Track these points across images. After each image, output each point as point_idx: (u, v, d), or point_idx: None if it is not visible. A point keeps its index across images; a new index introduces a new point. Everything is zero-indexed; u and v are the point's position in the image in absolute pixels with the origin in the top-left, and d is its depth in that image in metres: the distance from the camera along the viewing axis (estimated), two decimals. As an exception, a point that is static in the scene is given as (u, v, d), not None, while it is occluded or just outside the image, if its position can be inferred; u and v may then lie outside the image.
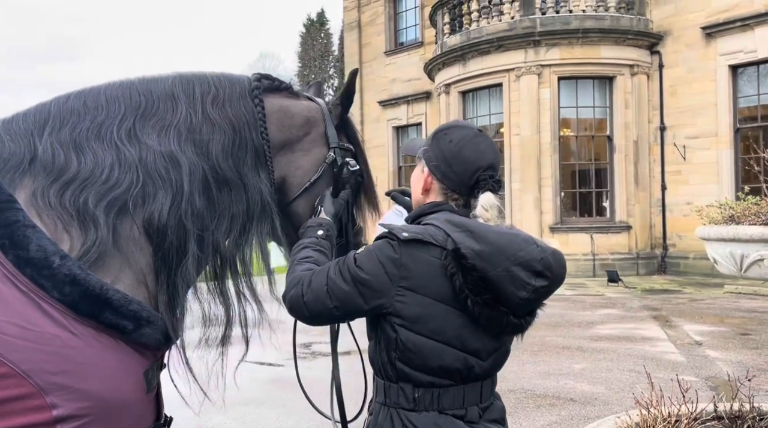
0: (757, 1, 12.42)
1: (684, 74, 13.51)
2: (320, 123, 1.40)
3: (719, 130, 12.99)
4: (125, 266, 1.12)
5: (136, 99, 1.21)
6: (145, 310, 1.11)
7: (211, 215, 1.21)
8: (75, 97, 1.21)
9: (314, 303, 1.42)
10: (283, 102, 1.35)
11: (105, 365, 1.05)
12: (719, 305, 9.67)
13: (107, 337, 1.07)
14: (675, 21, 13.68)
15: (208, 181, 1.21)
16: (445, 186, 1.53)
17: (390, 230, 1.43)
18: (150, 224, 1.14)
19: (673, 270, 13.68)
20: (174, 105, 1.22)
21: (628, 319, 8.69)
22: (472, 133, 1.56)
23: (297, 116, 1.37)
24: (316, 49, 53.06)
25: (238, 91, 1.29)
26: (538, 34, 13.60)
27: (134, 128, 1.18)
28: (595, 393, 5.21)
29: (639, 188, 13.89)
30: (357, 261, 1.43)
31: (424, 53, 18.47)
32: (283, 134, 1.34)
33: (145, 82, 1.25)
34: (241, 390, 5.57)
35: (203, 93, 1.25)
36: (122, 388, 1.08)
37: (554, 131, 13.72)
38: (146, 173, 1.15)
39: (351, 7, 21.77)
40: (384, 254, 1.42)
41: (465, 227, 1.41)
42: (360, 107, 21.33)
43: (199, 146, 1.21)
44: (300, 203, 1.39)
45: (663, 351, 6.68)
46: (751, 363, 5.97)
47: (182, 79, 1.26)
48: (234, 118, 1.26)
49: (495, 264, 1.36)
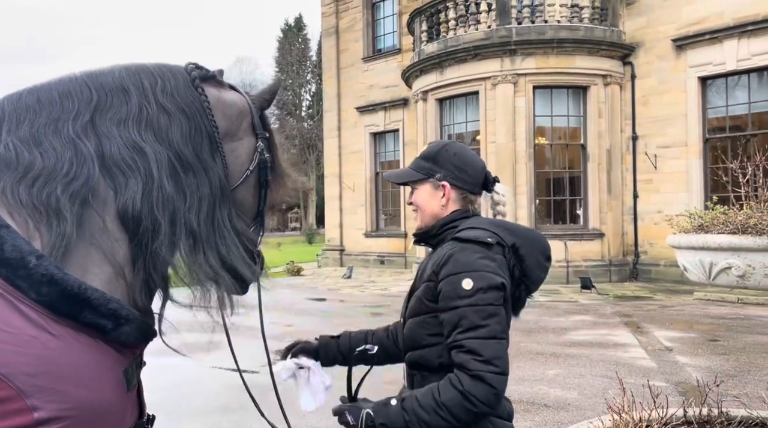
0: (725, 15, 12.77)
1: (655, 85, 13.81)
2: (249, 114, 1.44)
3: (689, 140, 13.30)
4: (101, 259, 1.12)
5: (87, 94, 1.22)
6: (124, 308, 1.10)
7: (181, 198, 1.22)
8: (27, 94, 1.21)
9: (505, 362, 1.50)
10: (218, 92, 1.38)
11: (85, 365, 1.05)
12: (689, 312, 9.87)
13: (86, 337, 1.06)
14: (647, 33, 13.99)
15: (174, 166, 1.22)
16: (463, 191, 1.73)
17: (474, 237, 1.58)
18: (125, 213, 1.14)
19: (645, 277, 13.93)
20: (127, 97, 1.24)
21: (600, 325, 8.82)
22: (461, 144, 1.83)
23: (234, 106, 1.41)
24: (294, 55, 52.93)
25: (182, 81, 1.31)
26: (513, 43, 13.78)
27: (92, 122, 1.19)
28: (568, 398, 5.27)
29: (611, 196, 14.13)
30: (479, 284, 1.52)
31: (402, 60, 18.57)
32: (226, 123, 1.37)
33: (93, 75, 1.27)
34: (216, 397, 5.52)
35: (152, 84, 1.28)
36: (103, 388, 1.07)
37: (529, 139, 13.90)
38: (113, 164, 1.16)
39: (329, 13, 21.79)
40: (486, 255, 1.56)
41: (504, 226, 1.66)
42: (337, 113, 21.33)
43: (158, 134, 1.23)
44: (240, 190, 1.40)
45: (634, 357, 6.79)
46: (719, 368, 6.11)
47: (128, 71, 1.28)
48: (185, 106, 1.29)
49: (529, 253, 1.64)
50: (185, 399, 5.42)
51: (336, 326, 9.43)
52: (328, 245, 21.91)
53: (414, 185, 1.77)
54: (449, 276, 1.56)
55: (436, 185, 1.72)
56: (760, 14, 12.24)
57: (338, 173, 21.24)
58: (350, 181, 20.73)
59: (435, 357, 1.61)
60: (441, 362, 1.59)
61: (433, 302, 1.61)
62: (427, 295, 1.62)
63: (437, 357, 1.60)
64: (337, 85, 21.30)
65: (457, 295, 1.53)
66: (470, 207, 1.75)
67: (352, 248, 20.70)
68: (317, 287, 14.97)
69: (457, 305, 1.52)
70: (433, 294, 1.61)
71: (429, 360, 1.62)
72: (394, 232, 19.36)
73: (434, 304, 1.60)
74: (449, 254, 1.59)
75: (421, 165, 1.76)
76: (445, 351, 1.57)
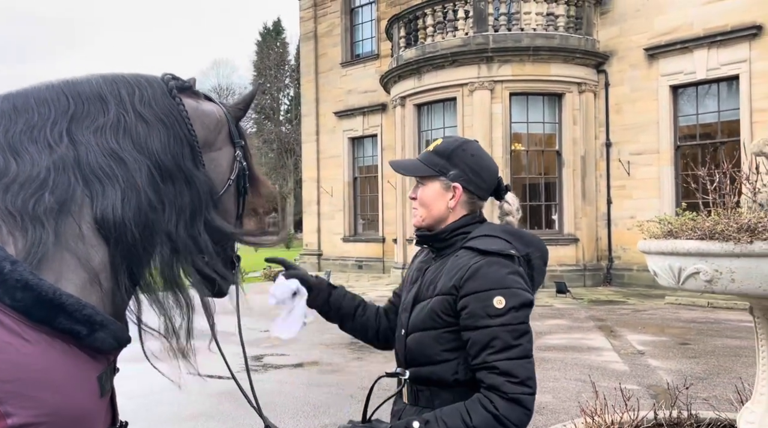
0: (695, 25, 13.07)
1: (628, 93, 14.08)
2: (226, 123, 1.46)
3: (661, 147, 13.57)
4: (76, 265, 1.11)
5: (64, 102, 1.22)
6: (98, 314, 1.10)
7: (161, 206, 1.22)
8: (3, 101, 1.21)
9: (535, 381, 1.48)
10: (195, 102, 1.40)
11: (59, 371, 1.04)
12: (660, 316, 10.05)
13: (61, 343, 1.06)
14: (620, 42, 14.26)
15: (153, 174, 1.23)
16: (474, 196, 1.64)
17: (499, 250, 1.52)
18: (104, 220, 1.14)
19: (618, 282, 14.14)
20: (104, 106, 1.24)
21: (575, 329, 8.93)
22: (478, 145, 1.70)
23: (212, 116, 1.42)
24: (272, 59, 52.65)
25: (159, 91, 1.32)
26: (490, 50, 13.92)
27: (69, 130, 1.19)
28: (542, 402, 5.33)
29: (586, 201, 14.34)
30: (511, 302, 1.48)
31: (380, 66, 18.62)
32: (205, 132, 1.38)
33: (70, 84, 1.27)
34: (191, 404, 5.45)
35: (129, 93, 1.28)
36: (77, 394, 1.06)
37: (506, 145, 14.04)
38: (90, 172, 1.16)
39: (307, 17, 21.78)
40: (514, 269, 1.52)
41: (517, 234, 1.61)
42: (316, 118, 21.29)
43: (137, 142, 1.23)
44: (222, 199, 1.42)
45: (608, 361, 6.90)
46: (689, 371, 6.24)
47: (105, 81, 1.29)
48: (164, 115, 1.29)
49: (537, 260, 1.62)
50: (161, 406, 5.36)
51: (312, 331, 9.40)
52: (305, 250, 21.82)
53: (422, 181, 1.65)
54: (477, 293, 1.47)
55: (448, 185, 1.61)
56: (728, 25, 12.56)
57: (316, 178, 21.19)
58: (328, 185, 20.69)
59: (450, 373, 1.54)
60: (456, 378, 1.53)
61: (452, 317, 1.51)
62: (446, 309, 1.52)
63: (452, 373, 1.53)
64: (315, 90, 21.27)
65: (487, 314, 1.45)
66: (478, 212, 1.67)
67: (330, 253, 20.65)
68: (294, 292, 14.87)
69: (489, 325, 1.45)
70: (452, 309, 1.51)
71: (442, 376, 1.54)
72: (372, 237, 19.36)
73: (453, 319, 1.51)
74: (475, 268, 1.49)
75: (433, 160, 1.63)
76: (461, 367, 1.51)
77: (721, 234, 2.55)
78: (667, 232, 2.83)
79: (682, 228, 2.75)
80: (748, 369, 6.03)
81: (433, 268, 1.63)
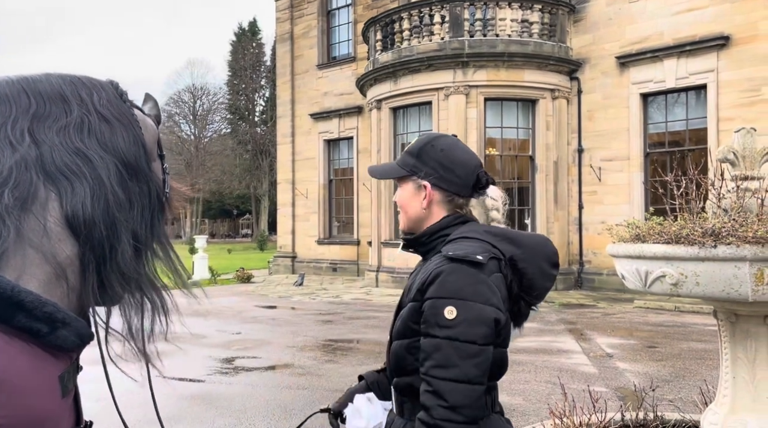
0: (665, 35, 13.37)
1: (600, 100, 14.33)
2: (157, 133, 1.48)
3: (631, 154, 13.83)
4: (40, 261, 1.10)
5: (25, 100, 1.21)
6: (60, 312, 1.09)
7: (128, 204, 1.23)
8: None
9: (474, 410, 1.32)
10: (135, 110, 1.41)
11: (19, 371, 1.02)
12: (629, 319, 10.23)
13: (20, 341, 1.04)
14: (592, 50, 14.51)
15: (120, 173, 1.23)
16: (449, 193, 1.53)
17: (464, 256, 1.38)
18: (74, 217, 1.14)
19: (589, 285, 14.36)
20: (67, 107, 1.23)
21: (546, 332, 9.04)
22: (452, 138, 1.60)
23: (150, 124, 1.44)
24: (248, 59, 52.29)
25: (112, 94, 1.33)
26: (466, 55, 14.04)
27: (31, 129, 1.18)
28: (513, 404, 5.38)
29: (558, 206, 14.53)
30: (464, 315, 1.33)
31: (357, 68, 18.63)
32: (149, 139, 1.39)
33: (30, 81, 1.26)
34: (160, 407, 5.38)
35: (89, 94, 1.28)
36: (38, 394, 1.05)
37: (481, 149, 14.16)
38: (56, 170, 1.15)
39: (284, 18, 21.68)
40: (478, 279, 1.37)
41: (503, 235, 1.50)
42: (291, 119, 21.19)
43: (102, 142, 1.24)
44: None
45: (577, 363, 7.00)
46: (656, 374, 6.36)
47: (65, 81, 1.29)
48: (121, 117, 1.30)
49: (532, 263, 1.48)
50: (126, 409, 5.26)
51: (284, 333, 9.33)
52: (279, 252, 21.68)
53: (399, 182, 1.59)
54: (432, 299, 1.38)
55: (419, 184, 1.55)
56: (697, 35, 12.88)
57: (291, 180, 21.09)
58: (303, 187, 20.60)
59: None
60: None
61: (419, 324, 1.42)
62: (413, 317, 1.44)
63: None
64: (291, 92, 21.18)
65: (436, 323, 1.35)
66: (462, 211, 1.56)
67: (304, 255, 20.55)
68: (268, 295, 14.78)
69: (435, 335, 1.35)
70: (419, 315, 1.42)
71: (417, 388, 1.43)
72: (346, 239, 19.33)
73: (420, 327, 1.43)
74: (435, 273, 1.40)
75: (405, 160, 1.58)
76: None
77: (686, 238, 2.61)
78: (634, 236, 2.88)
79: (649, 232, 2.81)
80: (712, 372, 6.18)
81: (416, 273, 1.57)
